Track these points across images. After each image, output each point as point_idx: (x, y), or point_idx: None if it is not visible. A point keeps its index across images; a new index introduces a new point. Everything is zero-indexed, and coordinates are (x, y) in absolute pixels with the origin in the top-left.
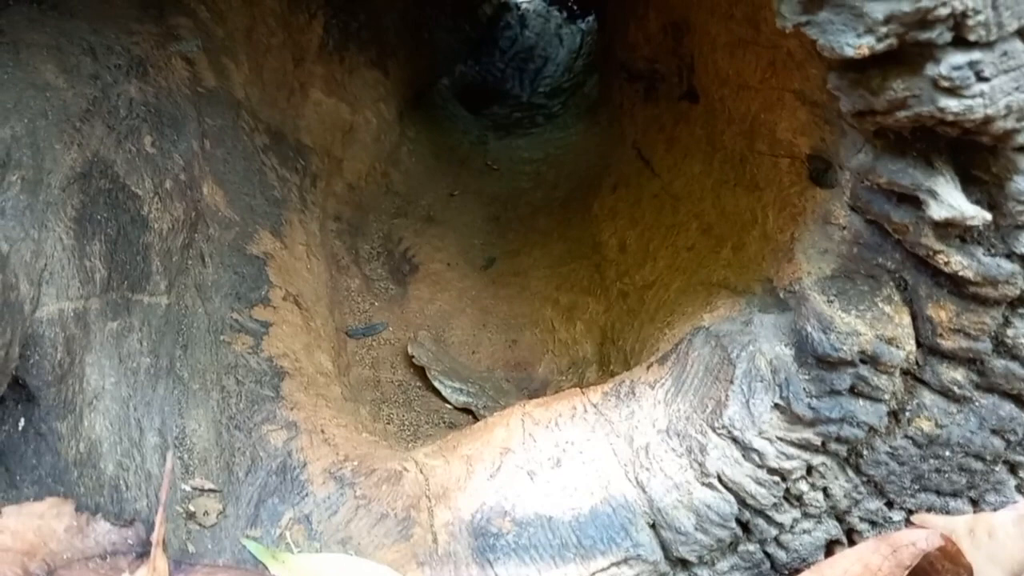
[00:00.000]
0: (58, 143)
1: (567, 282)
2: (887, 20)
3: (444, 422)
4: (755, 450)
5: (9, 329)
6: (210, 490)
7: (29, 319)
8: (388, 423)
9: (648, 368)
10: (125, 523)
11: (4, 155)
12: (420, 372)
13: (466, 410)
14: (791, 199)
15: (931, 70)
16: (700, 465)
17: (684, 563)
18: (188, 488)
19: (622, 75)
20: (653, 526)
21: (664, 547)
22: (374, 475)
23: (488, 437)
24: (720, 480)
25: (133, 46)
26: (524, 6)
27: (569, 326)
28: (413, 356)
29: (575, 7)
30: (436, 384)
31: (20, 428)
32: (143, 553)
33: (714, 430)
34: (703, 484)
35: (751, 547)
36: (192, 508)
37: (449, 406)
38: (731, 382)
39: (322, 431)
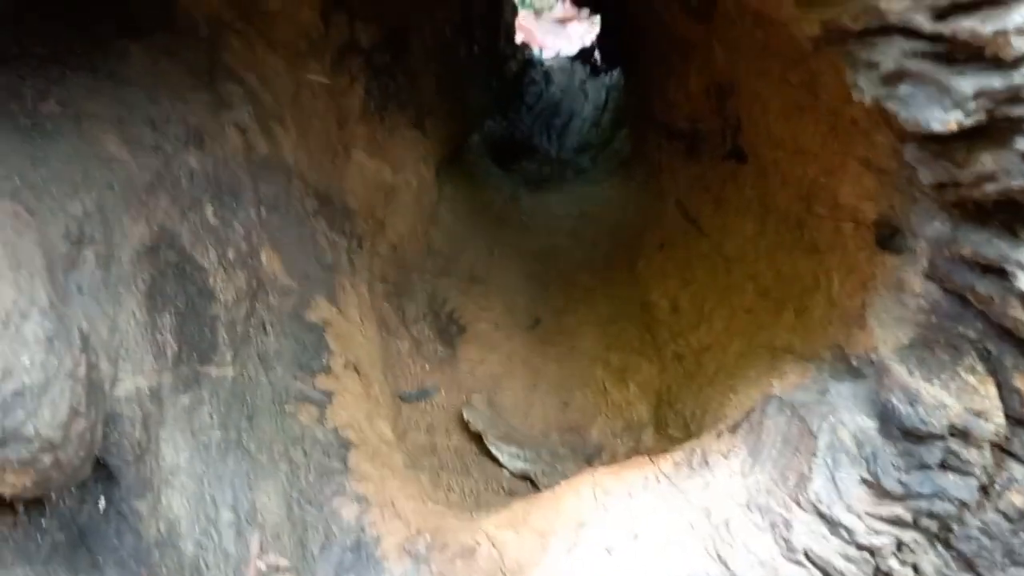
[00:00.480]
0: (126, 216)
1: (617, 342)
2: (977, 95)
3: (504, 489)
4: (843, 526)
5: (94, 409)
6: (284, 569)
7: (109, 397)
8: (449, 491)
9: (719, 436)
10: None
11: (78, 231)
12: (475, 437)
13: (524, 477)
14: (858, 264)
15: (1021, 144)
16: (785, 541)
17: None
18: (263, 567)
19: (661, 133)
20: None
21: None
22: (447, 550)
23: (559, 508)
24: (807, 557)
25: (189, 115)
26: (548, 63)
27: (622, 388)
28: (468, 421)
29: (599, 63)
30: (493, 450)
31: (101, 508)
32: None
33: (799, 504)
34: (790, 561)
35: None
36: None
37: (507, 472)
38: (814, 455)
39: (392, 504)
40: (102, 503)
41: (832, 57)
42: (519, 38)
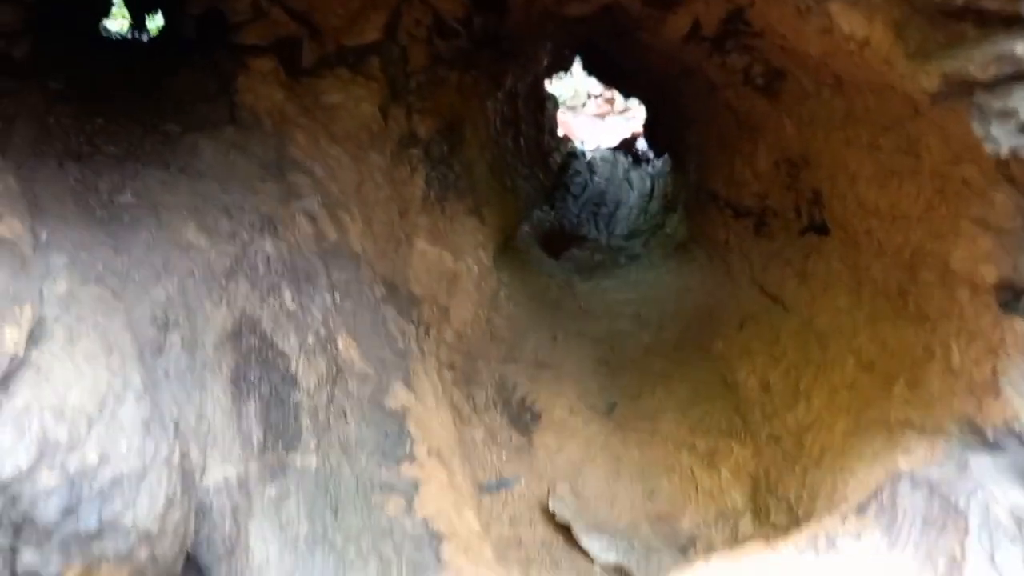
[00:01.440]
0: (208, 302)
1: (702, 425)
2: None
3: None
4: None
5: (188, 499)
6: None
7: (199, 488)
8: None
9: (844, 519)
10: None
11: (163, 316)
12: (562, 528)
13: (618, 570)
14: (982, 331)
15: None
16: None
17: None
18: None
19: (726, 212)
20: None
21: None
22: None
23: None
24: None
25: (260, 204)
26: (590, 154)
27: (712, 473)
28: (555, 513)
29: (641, 153)
30: (583, 543)
31: None
32: None
33: None
34: None
35: None
36: None
37: (598, 566)
38: (966, 534)
39: None
40: None
41: (941, 116)
42: (560, 132)
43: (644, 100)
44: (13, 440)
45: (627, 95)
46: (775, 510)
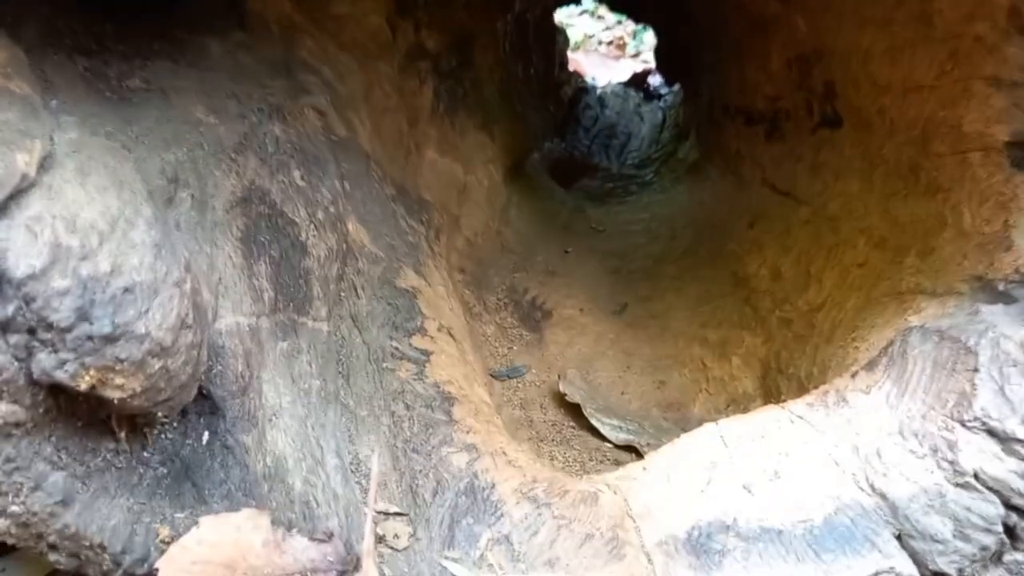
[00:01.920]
0: (217, 170)
1: (713, 320)
2: None
3: (608, 460)
4: (1020, 440)
5: (200, 329)
6: (396, 513)
7: (211, 328)
8: (552, 460)
9: (854, 376)
10: (323, 539)
11: (173, 174)
12: (572, 411)
13: (628, 447)
14: (994, 190)
15: None
16: (951, 464)
17: None
18: (373, 512)
19: (738, 121)
20: (899, 537)
21: (916, 559)
22: (568, 496)
23: (684, 454)
24: (978, 479)
25: (269, 96)
26: (601, 89)
27: (723, 363)
28: (566, 394)
29: (652, 87)
30: (594, 422)
31: (205, 442)
32: (343, 572)
33: (963, 424)
34: (957, 485)
35: (1019, 556)
36: (381, 532)
37: (609, 444)
38: (975, 371)
39: (504, 453)
40: (205, 437)
41: None
42: (571, 69)
43: (655, 26)
44: (26, 242)
45: (637, 21)
46: (786, 389)
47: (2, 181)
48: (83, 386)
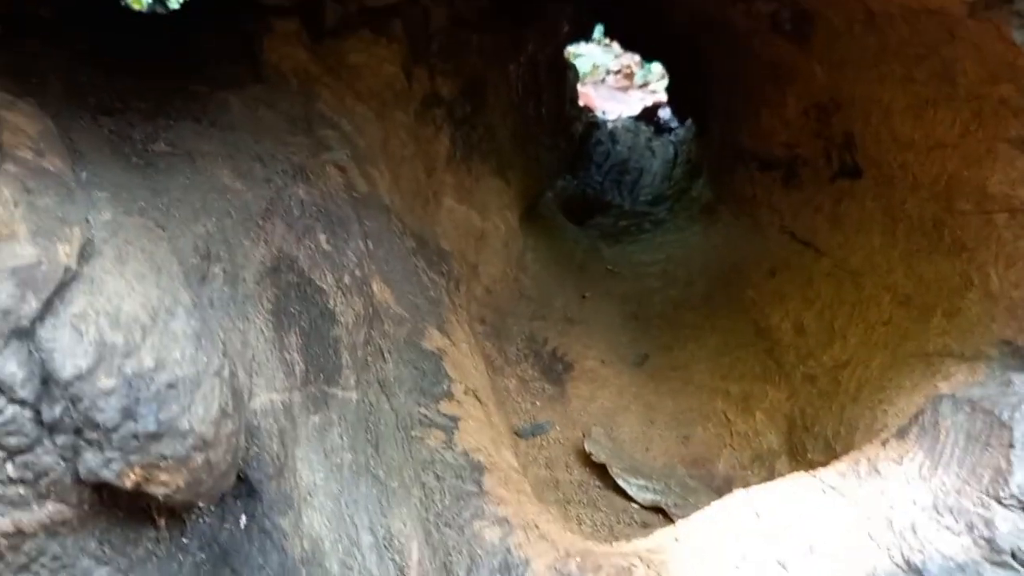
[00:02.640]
0: (246, 240)
1: (735, 372)
2: None
3: (636, 522)
4: None
5: (238, 415)
6: None
7: (247, 409)
8: (580, 523)
9: (885, 444)
10: None
11: (205, 250)
12: (598, 470)
13: (655, 508)
14: (1020, 253)
15: None
16: (988, 542)
17: None
18: None
19: (752, 166)
20: None
21: None
22: (602, 571)
23: (717, 526)
24: (1015, 557)
25: (292, 155)
26: (612, 124)
27: (747, 417)
28: (591, 453)
29: (663, 121)
30: (620, 482)
31: (243, 526)
32: None
33: (999, 501)
34: (994, 564)
35: None
36: None
37: (635, 505)
38: (1010, 446)
39: (536, 526)
40: (243, 520)
41: (978, 35)
42: (581, 104)
43: (666, 64)
44: (72, 342)
45: (648, 59)
46: (812, 448)
47: (47, 278)
48: (128, 484)
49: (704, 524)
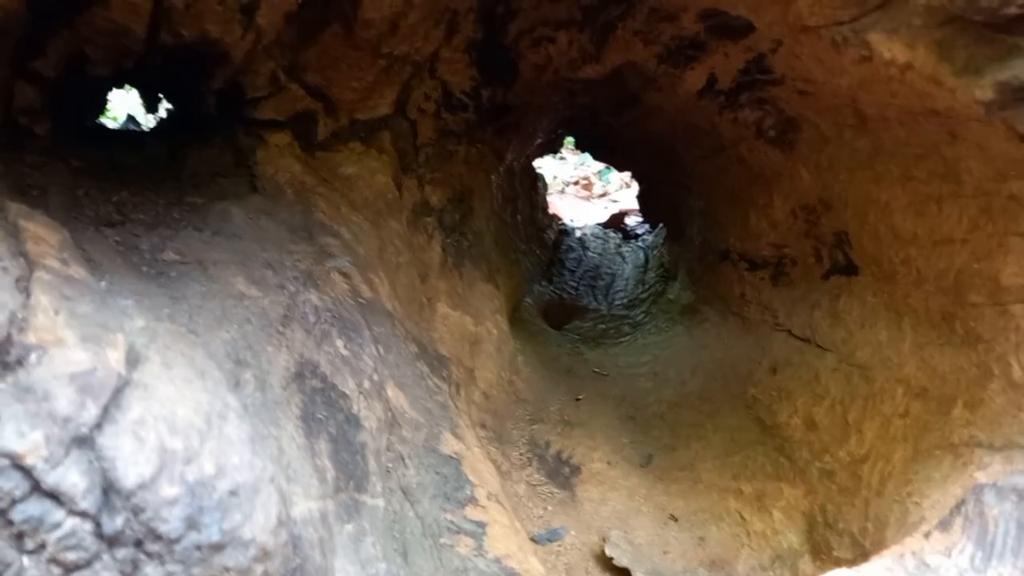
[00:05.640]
0: (269, 346)
1: (745, 471)
2: None
3: None
4: None
5: (288, 524)
6: None
7: (290, 518)
8: None
9: (927, 537)
10: None
11: (234, 355)
12: (619, 575)
13: None
14: None
15: None
16: None
17: None
18: None
19: (740, 266)
20: None
21: None
22: None
23: None
24: None
25: (298, 262)
26: (580, 232)
27: (763, 516)
28: (612, 557)
29: (629, 229)
30: None
31: None
32: None
33: None
34: None
35: None
36: None
37: None
38: None
39: None
40: None
41: (982, 135)
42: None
43: (638, 172)
44: (134, 449)
45: (621, 168)
46: (837, 545)
47: (103, 384)
48: None
49: None
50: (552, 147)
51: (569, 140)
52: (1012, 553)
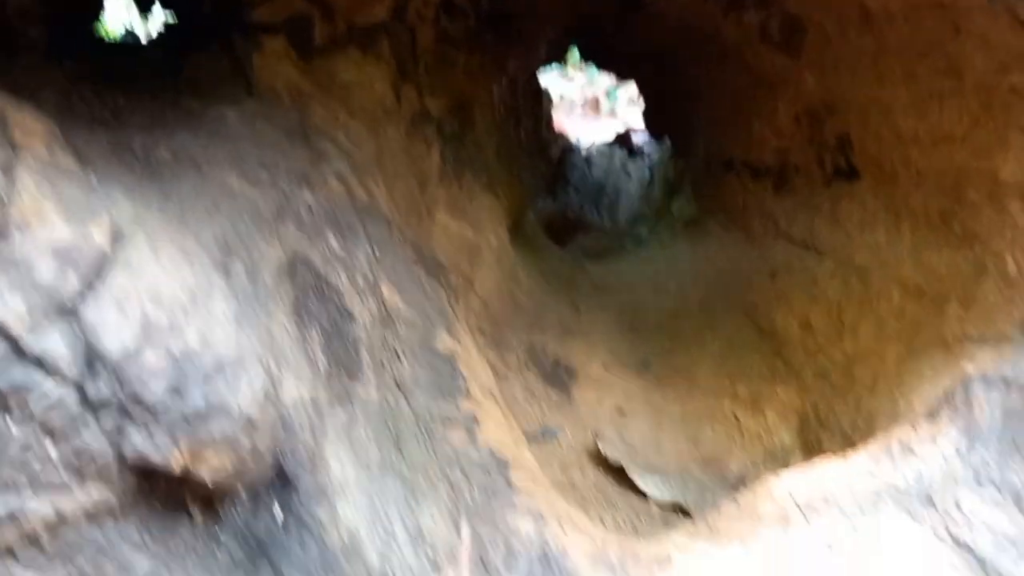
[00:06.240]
0: (261, 239)
1: (741, 373)
2: None
3: (656, 520)
4: None
5: (277, 403)
6: None
7: (279, 401)
8: (602, 523)
9: (915, 427)
10: None
11: (225, 245)
12: (612, 472)
13: (675, 507)
14: None
15: None
16: None
17: None
18: None
19: (744, 176)
20: None
21: None
22: (641, 560)
23: (753, 515)
24: None
25: (293, 164)
26: (586, 150)
27: (757, 416)
28: (606, 454)
29: (636, 146)
30: (639, 482)
31: (278, 519)
32: None
33: None
34: None
35: None
36: None
37: (654, 504)
38: None
39: (569, 517)
40: (278, 513)
41: (986, 26)
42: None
43: (642, 83)
44: (117, 320)
45: (624, 78)
46: (828, 441)
47: (85, 258)
48: (176, 467)
49: (740, 513)
50: (556, 58)
51: (575, 59)
52: (996, 439)
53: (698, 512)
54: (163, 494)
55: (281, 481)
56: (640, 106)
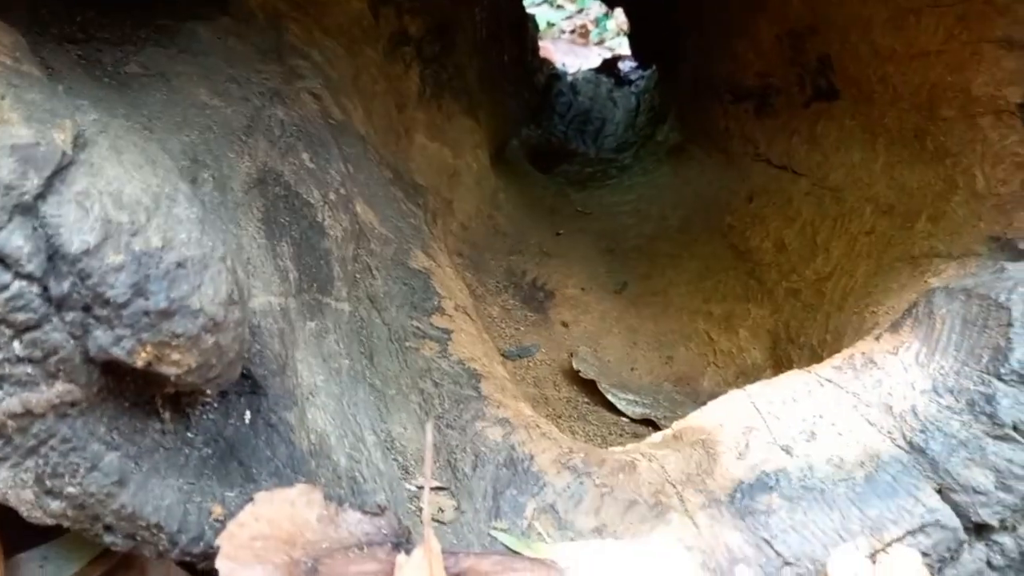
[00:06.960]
0: (231, 152)
1: (716, 294)
2: None
3: (627, 433)
4: None
5: (243, 305)
6: (437, 488)
7: (247, 307)
8: (573, 435)
9: (878, 339)
10: (376, 513)
11: (192, 154)
12: (586, 388)
13: (645, 421)
14: (1008, 151)
15: None
16: (989, 417)
17: (982, 528)
18: (414, 488)
19: (726, 99)
20: (940, 491)
21: (959, 511)
22: (606, 465)
23: (717, 422)
24: (1017, 430)
25: (266, 80)
26: (572, 77)
27: (730, 335)
28: (579, 370)
29: (623, 74)
30: (610, 396)
31: (248, 421)
32: (398, 543)
33: (1000, 378)
34: (996, 438)
35: None
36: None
37: (625, 419)
38: (1009, 325)
39: (537, 425)
40: (247, 416)
41: None
42: (541, 56)
43: (631, 13)
44: (78, 218)
45: (610, 4)
46: (798, 358)
47: (46, 158)
48: (139, 363)
49: (703, 421)
50: None
51: None
52: (955, 347)
53: (668, 426)
54: (132, 394)
55: (250, 386)
56: (628, 33)
